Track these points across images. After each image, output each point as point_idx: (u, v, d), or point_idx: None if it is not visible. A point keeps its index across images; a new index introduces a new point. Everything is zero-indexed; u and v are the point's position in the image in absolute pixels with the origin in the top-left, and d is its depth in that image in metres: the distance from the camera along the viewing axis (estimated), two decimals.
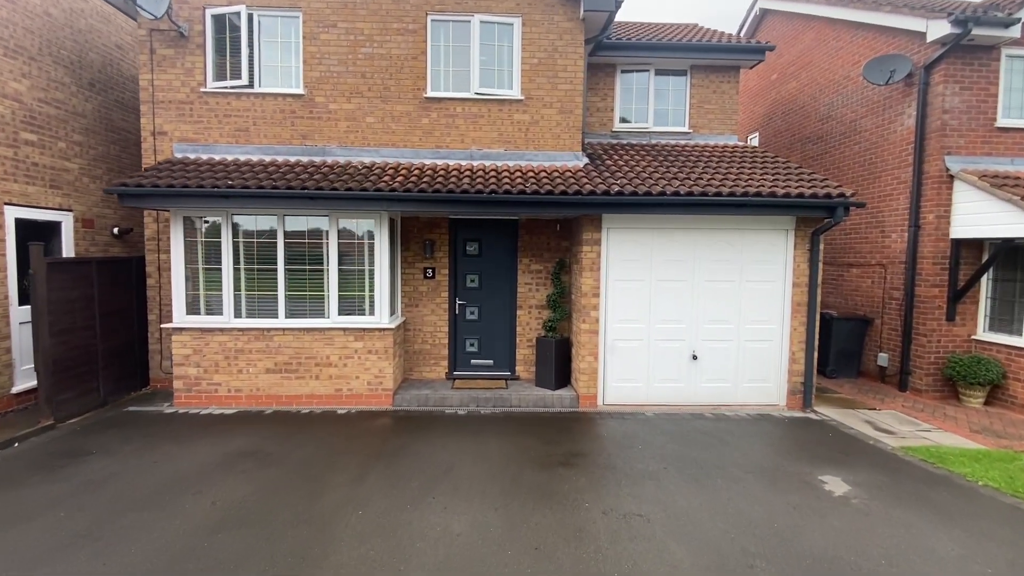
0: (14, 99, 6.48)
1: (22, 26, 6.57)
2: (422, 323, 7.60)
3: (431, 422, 6.16)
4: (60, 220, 7.25)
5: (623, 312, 6.84)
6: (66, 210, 7.31)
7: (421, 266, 7.55)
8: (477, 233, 7.63)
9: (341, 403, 6.75)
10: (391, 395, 6.77)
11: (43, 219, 6.95)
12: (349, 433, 5.75)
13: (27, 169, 6.66)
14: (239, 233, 6.62)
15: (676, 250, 6.82)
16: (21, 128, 6.58)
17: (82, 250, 7.56)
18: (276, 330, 6.65)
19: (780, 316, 6.89)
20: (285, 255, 6.65)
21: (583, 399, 6.83)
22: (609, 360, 6.87)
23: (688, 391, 6.93)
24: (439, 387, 7.21)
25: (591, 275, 6.73)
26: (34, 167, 6.77)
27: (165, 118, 7.20)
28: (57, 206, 7.16)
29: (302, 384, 6.72)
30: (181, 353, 6.64)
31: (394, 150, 7.33)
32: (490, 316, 7.71)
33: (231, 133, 7.25)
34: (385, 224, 6.62)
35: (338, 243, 6.64)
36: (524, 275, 7.62)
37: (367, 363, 6.73)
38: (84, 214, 7.62)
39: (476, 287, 7.68)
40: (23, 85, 6.61)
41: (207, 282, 6.66)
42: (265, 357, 6.68)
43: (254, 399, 6.70)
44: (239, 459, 4.96)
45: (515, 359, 7.70)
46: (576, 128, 7.45)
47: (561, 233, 7.62)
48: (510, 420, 6.29)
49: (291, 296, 6.71)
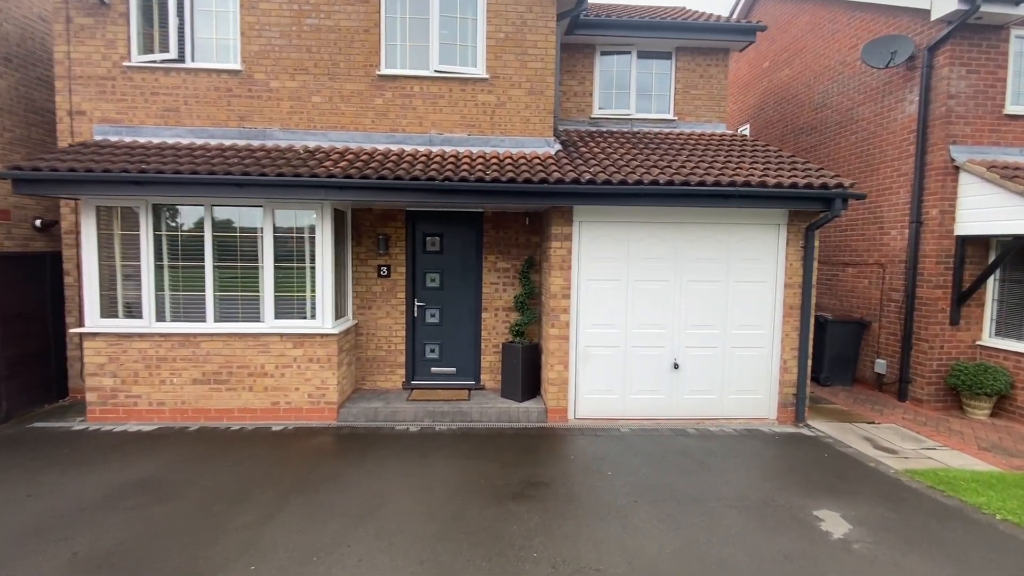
0: None
1: None
2: (376, 327, 6.85)
3: (376, 442, 5.42)
4: None
5: (597, 316, 6.13)
6: None
7: (375, 263, 6.79)
8: (438, 227, 6.88)
9: (278, 418, 5.99)
10: (335, 409, 6.02)
11: None
12: (277, 456, 4.99)
13: None
14: (161, 225, 5.83)
15: (656, 247, 6.12)
16: None
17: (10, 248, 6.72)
18: (204, 336, 5.87)
19: (771, 320, 6.22)
20: (214, 251, 5.86)
21: (552, 413, 6.12)
22: (581, 369, 6.16)
23: (669, 404, 6.24)
24: (393, 399, 6.47)
25: (561, 274, 6.01)
26: None
27: (83, 96, 6.38)
28: None
29: (234, 397, 5.95)
30: (95, 361, 5.83)
31: (343, 134, 6.56)
32: (453, 319, 6.97)
33: (159, 113, 6.44)
34: (328, 216, 5.85)
35: (274, 237, 5.86)
36: (490, 274, 6.88)
37: (307, 373, 5.97)
38: None
39: (437, 287, 6.94)
40: None
41: (125, 281, 5.86)
42: (191, 366, 5.89)
43: (179, 413, 5.92)
44: (133, 491, 4.19)
45: (480, 367, 6.97)
46: (547, 111, 6.73)
47: (531, 228, 6.89)
48: (467, 438, 5.56)
49: (221, 297, 5.93)
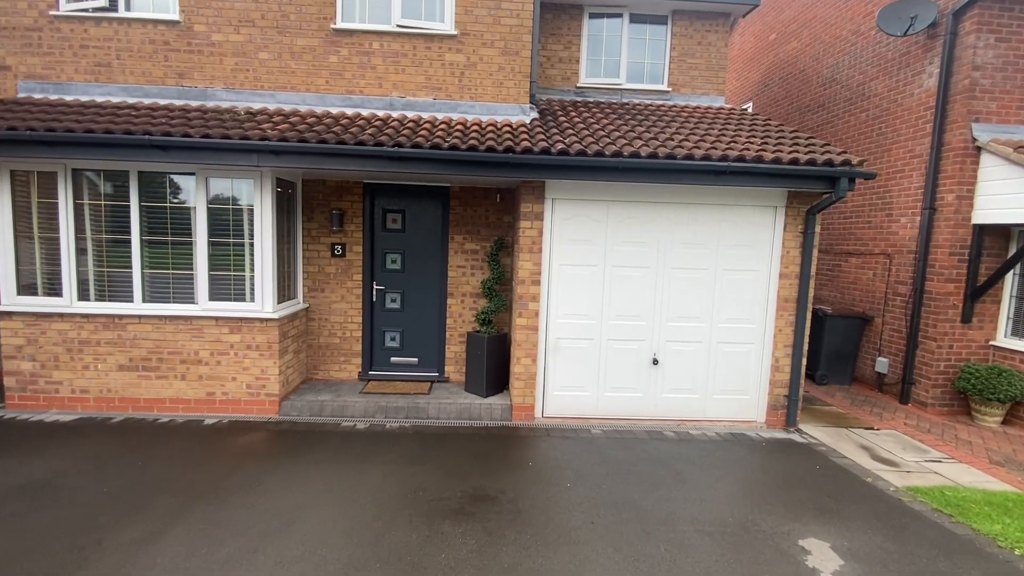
0: None
1: None
2: (329, 311, 6.25)
3: (314, 441, 4.86)
4: None
5: (570, 305, 5.51)
6: None
7: (328, 241, 6.16)
8: (400, 202, 6.24)
9: (214, 410, 5.43)
10: (277, 402, 5.45)
11: None
12: (197, 455, 4.44)
13: None
14: (83, 194, 5.20)
15: (638, 230, 5.47)
16: None
17: None
18: (131, 317, 5.29)
19: (763, 314, 5.59)
20: (142, 224, 5.24)
21: (517, 410, 5.54)
22: (551, 363, 5.57)
23: (647, 403, 5.65)
24: (345, 391, 5.90)
25: (530, 258, 5.38)
26: None
27: (8, 49, 5.70)
28: None
29: (165, 385, 5.38)
30: (12, 343, 5.27)
31: (294, 95, 5.88)
32: (416, 305, 6.37)
33: (89, 69, 5.77)
34: (268, 186, 5.21)
35: (208, 209, 5.23)
36: (457, 256, 6.26)
37: (246, 361, 5.40)
38: None
39: (398, 269, 6.32)
40: None
41: (45, 256, 5.26)
42: (117, 351, 5.32)
43: (104, 402, 5.37)
44: (18, 496, 3.64)
45: (444, 357, 6.38)
46: (523, 75, 6.02)
47: (502, 206, 6.24)
48: (418, 439, 4.99)
49: (151, 276, 5.33)
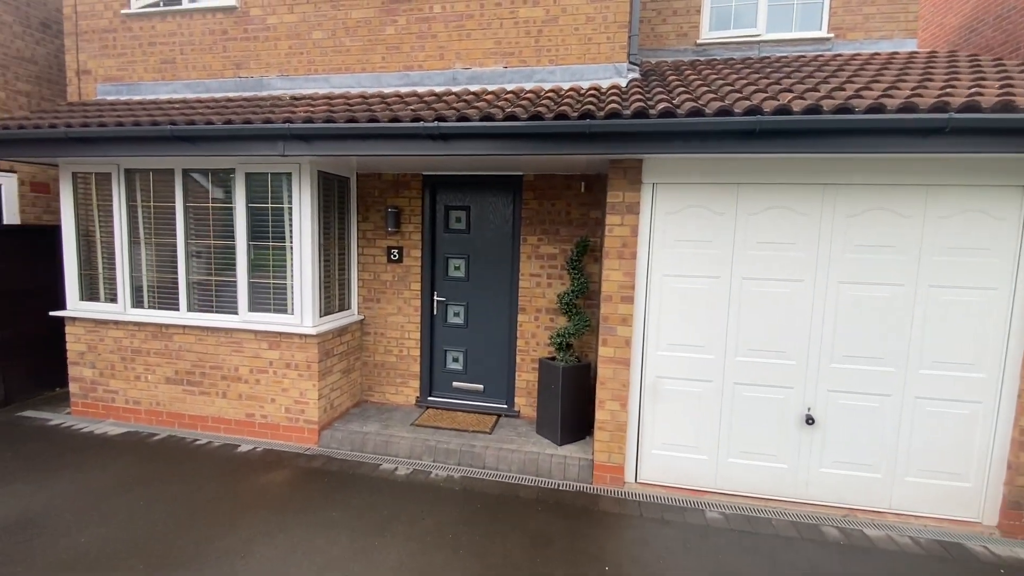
0: None
1: None
2: (385, 325, 5.39)
3: (341, 489, 3.94)
4: None
5: (677, 332, 3.96)
6: (6, 171, 6.27)
7: (383, 244, 5.30)
8: (463, 197, 5.17)
9: (253, 433, 4.83)
10: (317, 431, 4.69)
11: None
12: (208, 495, 3.76)
13: None
14: (135, 195, 4.93)
15: (785, 225, 3.73)
16: None
17: (32, 218, 6.52)
18: (176, 327, 4.89)
19: (997, 357, 3.50)
20: (186, 226, 4.82)
21: (601, 470, 4.12)
22: (649, 410, 4.05)
23: (795, 479, 3.87)
24: (396, 422, 4.97)
25: (620, 266, 3.93)
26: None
27: (88, 53, 5.74)
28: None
29: (207, 402, 4.91)
30: (75, 349, 5.19)
31: (348, 76, 5.11)
32: (481, 320, 5.25)
33: (157, 67, 5.58)
34: (308, 180, 4.45)
35: (247, 209, 4.63)
36: (530, 262, 5.01)
37: (284, 382, 4.71)
38: (34, 176, 6.57)
39: (461, 277, 5.25)
40: None
41: (105, 260, 5.09)
42: (164, 362, 4.97)
43: (153, 415, 5.05)
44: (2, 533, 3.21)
45: (514, 386, 5.17)
46: (619, 25, 4.58)
47: (588, 197, 4.85)
48: (463, 502, 3.83)
49: (196, 282, 4.89)
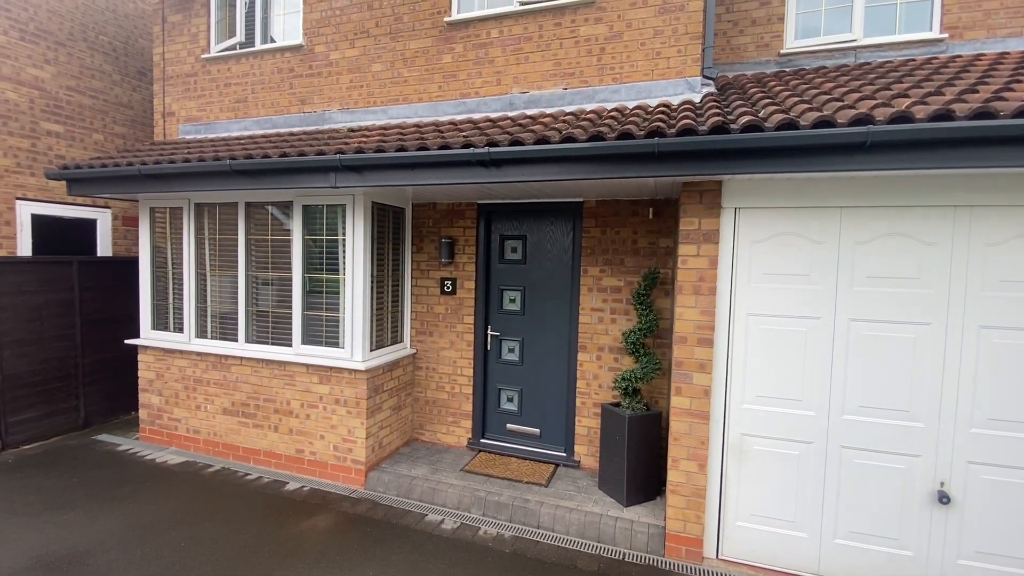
0: (33, 86, 6.01)
1: (45, 8, 6.11)
2: (437, 360, 5.14)
3: (381, 543, 3.63)
4: (95, 218, 6.76)
5: (768, 381, 3.35)
6: (102, 207, 6.81)
7: (437, 276, 5.10)
8: (519, 226, 4.87)
9: (301, 470, 4.68)
10: (364, 472, 4.45)
11: (71, 216, 6.47)
12: (246, 539, 3.58)
13: (49, 162, 6.18)
14: (203, 228, 5.08)
15: (904, 256, 3.08)
16: (42, 118, 6.11)
17: (123, 250, 7.03)
18: (233, 359, 4.91)
19: None
20: (248, 258, 4.88)
21: (675, 541, 3.53)
22: (733, 474, 3.44)
23: (924, 571, 3.08)
24: (446, 466, 4.64)
25: (696, 303, 3.42)
26: (59, 159, 6.29)
27: (173, 96, 6.15)
28: (91, 202, 6.67)
29: (260, 436, 4.85)
30: (146, 377, 5.36)
31: (406, 107, 5.04)
32: (537, 357, 4.86)
33: (231, 106, 5.85)
34: (360, 211, 4.35)
35: (303, 240, 4.60)
36: (591, 295, 4.58)
37: (333, 418, 4.54)
38: (126, 211, 7.10)
39: (517, 310, 4.91)
40: (46, 72, 6.14)
41: (176, 290, 5.27)
42: (222, 393, 4.99)
43: (211, 446, 5.07)
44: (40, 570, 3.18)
45: (574, 432, 4.69)
46: (691, 37, 4.17)
47: (656, 224, 4.38)
48: (514, 566, 3.39)
49: (255, 313, 4.91)
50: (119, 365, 6.10)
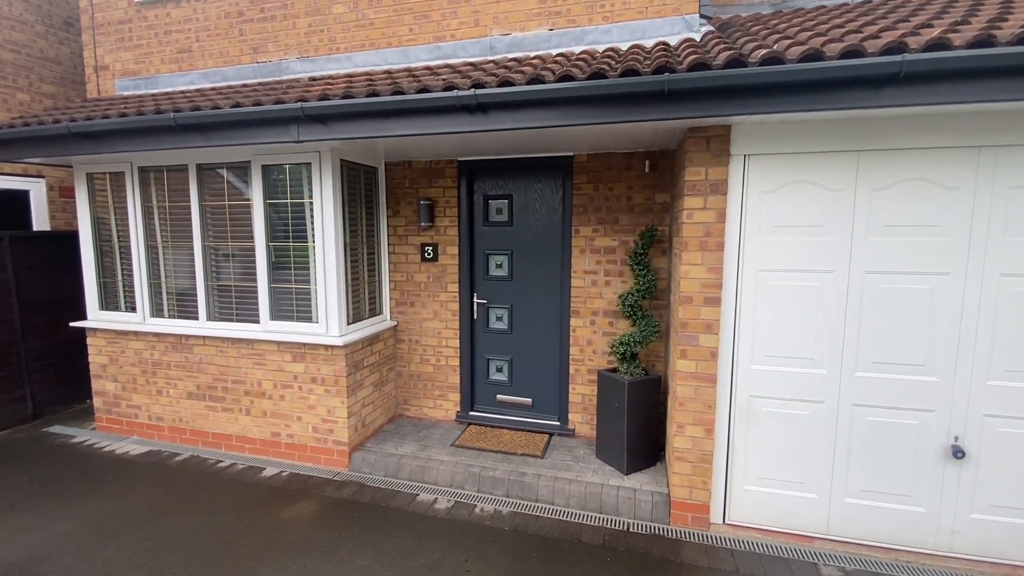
0: None
1: None
2: (421, 331, 4.82)
3: (371, 527, 3.39)
4: (27, 189, 6.04)
5: (778, 340, 3.17)
6: (35, 176, 6.09)
7: (416, 242, 4.73)
8: (504, 184, 4.51)
9: (279, 454, 4.37)
10: (347, 452, 4.17)
11: None
12: (223, 533, 3.28)
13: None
14: (150, 195, 4.54)
15: (921, 203, 2.88)
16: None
17: (62, 224, 6.34)
18: (195, 338, 4.49)
19: None
20: (203, 228, 4.39)
21: (680, 508, 3.40)
22: (741, 437, 3.29)
23: (936, 525, 3.02)
24: (435, 441, 4.40)
25: (703, 259, 3.17)
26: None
27: (105, 47, 5.43)
28: (21, 171, 5.94)
29: (231, 420, 4.49)
30: (98, 362, 4.88)
31: (373, 54, 4.54)
32: (528, 324, 4.60)
33: (173, 57, 5.19)
34: (329, 170, 3.91)
35: (265, 205, 4.14)
36: (583, 257, 4.30)
37: (310, 398, 4.21)
38: (63, 181, 6.38)
39: (504, 276, 4.61)
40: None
41: (124, 266, 4.75)
42: (185, 376, 4.58)
43: (177, 433, 4.69)
44: None
45: (567, 400, 4.49)
46: None
47: (652, 178, 4.08)
48: (513, 547, 3.21)
49: (216, 289, 4.46)
50: (69, 350, 5.57)
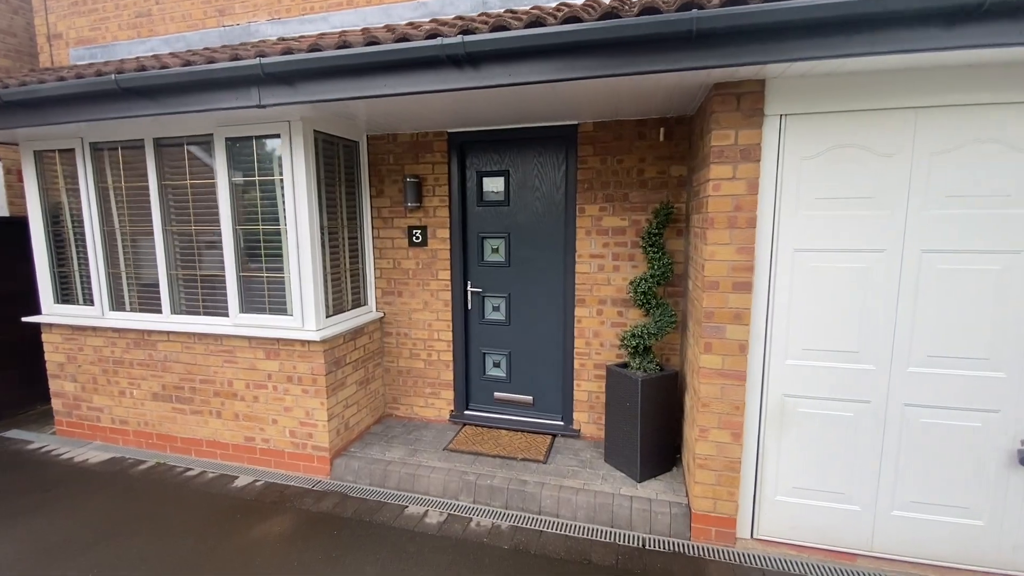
0: None
1: None
2: (410, 323, 4.39)
3: (355, 544, 2.99)
4: None
5: (817, 331, 2.74)
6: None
7: (403, 224, 4.27)
8: (499, 159, 4.05)
9: (254, 460, 3.96)
10: (328, 459, 3.76)
11: None
12: (182, 557, 2.87)
13: None
14: (105, 175, 4.07)
15: (991, 169, 2.44)
16: None
17: (23, 210, 5.86)
18: (159, 334, 4.05)
19: None
20: (164, 211, 3.92)
21: (702, 521, 3.00)
22: (773, 442, 2.88)
23: (998, 541, 2.64)
24: (426, 445, 3.99)
25: (731, 238, 2.73)
26: None
27: (58, 13, 4.91)
28: None
29: (200, 423, 4.06)
30: (54, 360, 4.44)
31: (351, 13, 4.05)
32: (527, 315, 4.17)
33: (131, 22, 4.68)
34: (301, 143, 3.44)
35: (230, 184, 3.67)
36: (590, 239, 3.85)
37: (286, 399, 3.79)
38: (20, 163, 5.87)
39: (501, 261, 4.17)
40: None
41: (81, 254, 4.29)
42: (150, 375, 4.15)
43: (143, 437, 4.26)
44: None
45: (572, 398, 4.08)
46: None
47: (667, 148, 3.63)
48: (518, 567, 2.81)
49: (182, 278, 4.01)
50: (27, 348, 5.11)
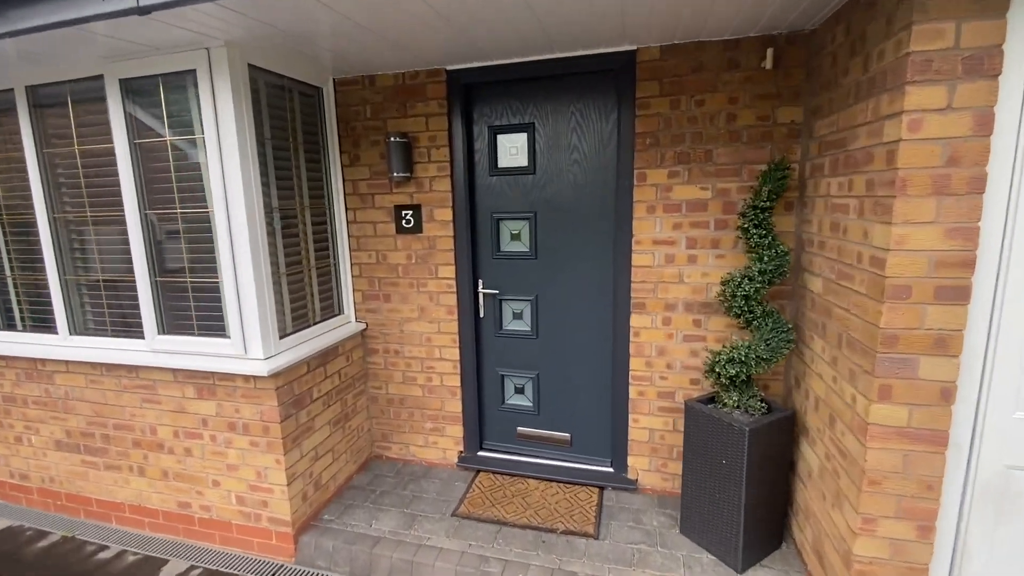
0: None
1: None
2: (402, 337, 3.28)
3: None
4: None
5: None
6: None
7: (388, 203, 3.12)
8: (521, 108, 2.88)
9: (192, 534, 2.89)
10: (291, 536, 2.69)
11: None
12: None
13: None
14: None
15: None
16: None
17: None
18: (55, 362, 2.93)
19: None
20: (47, 186, 2.78)
21: None
22: (981, 537, 1.79)
23: None
24: (427, 507, 2.92)
25: (937, 211, 1.60)
26: None
27: None
28: None
29: (120, 481, 2.98)
30: None
31: None
32: (561, 324, 3.05)
33: None
34: (226, 83, 2.27)
35: (131, 147, 2.51)
36: (652, 218, 2.71)
37: (229, 453, 2.70)
38: None
39: (525, 251, 3.04)
40: None
41: None
42: (49, 417, 3.05)
43: (50, 497, 3.19)
44: None
45: (626, 435, 2.99)
46: None
47: (773, 82, 2.46)
48: None
49: (81, 284, 2.89)
50: None
